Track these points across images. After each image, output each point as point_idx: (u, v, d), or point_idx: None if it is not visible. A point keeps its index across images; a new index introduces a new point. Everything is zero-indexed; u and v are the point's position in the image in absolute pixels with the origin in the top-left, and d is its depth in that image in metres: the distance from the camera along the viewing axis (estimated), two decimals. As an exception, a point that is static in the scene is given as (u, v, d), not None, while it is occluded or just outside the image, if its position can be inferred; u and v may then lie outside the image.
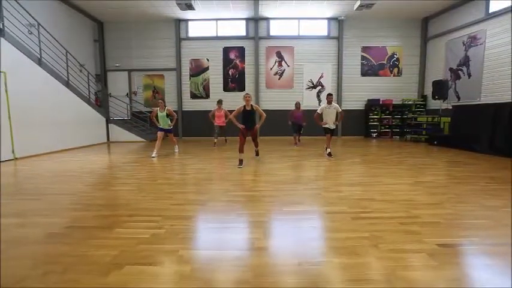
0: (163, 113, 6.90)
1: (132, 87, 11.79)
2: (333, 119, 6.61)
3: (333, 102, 6.56)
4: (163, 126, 7.00)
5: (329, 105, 6.52)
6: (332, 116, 6.59)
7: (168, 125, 7.03)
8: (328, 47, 11.52)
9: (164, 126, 7.01)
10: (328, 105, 6.53)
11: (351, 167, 5.49)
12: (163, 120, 6.95)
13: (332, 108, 6.55)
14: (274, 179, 4.43)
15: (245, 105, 5.64)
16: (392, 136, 11.49)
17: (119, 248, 2.11)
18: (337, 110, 6.58)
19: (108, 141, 10.38)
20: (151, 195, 3.58)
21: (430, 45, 11.23)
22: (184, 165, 5.78)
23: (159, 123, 6.98)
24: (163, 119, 6.93)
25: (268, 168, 5.27)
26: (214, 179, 4.57)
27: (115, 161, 6.42)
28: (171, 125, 7.08)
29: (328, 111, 6.56)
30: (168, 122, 7.03)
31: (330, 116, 6.58)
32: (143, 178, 4.55)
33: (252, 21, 11.28)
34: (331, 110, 6.55)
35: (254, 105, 5.73)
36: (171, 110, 7.00)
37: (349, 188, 3.82)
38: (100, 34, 11.40)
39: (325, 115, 6.61)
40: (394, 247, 2.11)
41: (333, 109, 6.55)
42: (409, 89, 11.69)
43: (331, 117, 6.59)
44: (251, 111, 5.68)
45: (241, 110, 5.66)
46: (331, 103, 6.52)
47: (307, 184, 4.12)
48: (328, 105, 6.53)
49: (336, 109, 6.58)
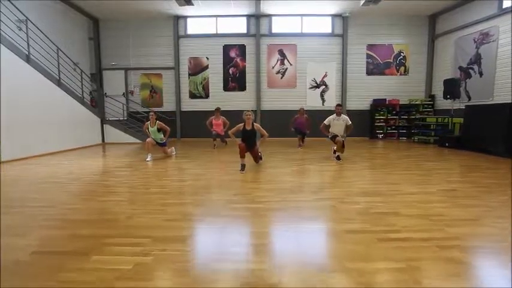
0: (155, 128, 6.40)
1: (128, 87, 11.35)
2: (341, 132, 6.04)
3: (342, 114, 6.04)
4: (155, 139, 6.53)
5: (337, 117, 5.99)
6: (340, 128, 6.03)
7: (160, 139, 6.54)
8: (332, 45, 11.07)
9: (156, 139, 6.53)
10: (337, 117, 6.00)
11: (362, 172, 5.05)
12: (154, 135, 6.48)
13: (341, 121, 6.00)
14: (280, 186, 3.99)
15: (245, 124, 5.08)
16: (399, 137, 11.06)
17: (92, 285, 1.67)
18: (346, 122, 6.01)
19: (103, 143, 9.93)
20: (142, 208, 3.13)
21: (438, 43, 10.80)
22: (181, 170, 5.34)
23: (151, 136, 6.53)
24: (154, 133, 6.46)
25: (272, 174, 4.83)
26: (213, 186, 4.13)
27: (107, 165, 5.98)
28: (163, 139, 6.58)
29: (336, 123, 6.01)
30: (160, 136, 6.54)
31: (337, 128, 6.02)
32: (135, 186, 4.10)
33: (253, 18, 10.84)
34: (340, 122, 6.01)
35: (255, 125, 5.15)
36: (162, 125, 6.46)
37: (366, 199, 3.37)
38: (95, 32, 10.95)
39: (332, 126, 6.06)
40: (442, 285, 1.66)
41: (342, 121, 6.00)
42: (416, 88, 11.25)
43: (339, 130, 6.03)
44: (252, 131, 5.10)
45: (240, 129, 5.11)
46: (340, 115, 6.00)
47: (317, 193, 3.66)
48: (337, 117, 6.00)
49: (345, 122, 6.01)
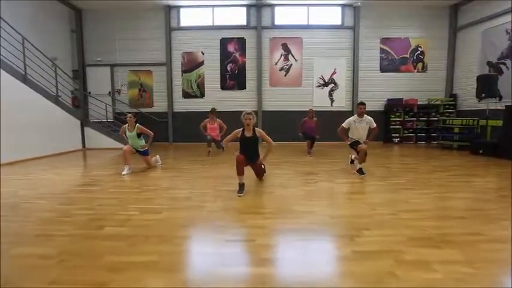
0: (134, 133, 5.21)
1: (115, 85, 10.21)
2: (363, 136, 4.92)
3: (365, 115, 4.87)
4: (135, 147, 5.32)
5: (360, 119, 4.85)
6: (363, 131, 4.90)
7: (140, 146, 5.31)
8: (342, 39, 9.96)
9: (136, 147, 5.32)
10: (359, 119, 4.85)
11: (399, 194, 3.77)
12: (133, 142, 5.28)
13: (364, 123, 4.85)
14: (295, 223, 2.80)
15: (244, 129, 3.93)
16: (417, 141, 9.89)
17: None
18: (371, 125, 4.87)
19: (83, 149, 8.74)
20: (77, 270, 1.95)
21: (461, 36, 9.65)
22: (160, 190, 4.08)
23: (130, 142, 5.33)
24: (133, 140, 5.27)
25: (281, 199, 3.64)
26: (198, 222, 2.92)
27: (70, 180, 4.77)
28: (144, 147, 5.33)
29: (358, 126, 4.87)
30: (141, 143, 5.33)
31: (359, 132, 4.90)
32: (85, 221, 2.87)
33: (253, 8, 9.74)
34: (363, 124, 4.86)
35: (258, 130, 4.00)
36: (144, 129, 5.28)
37: (434, 252, 2.18)
38: (78, 24, 9.84)
39: (353, 131, 4.94)
40: None
41: (365, 124, 4.86)
42: (435, 87, 10.13)
43: (360, 134, 4.91)
44: (253, 138, 3.95)
45: (238, 135, 3.96)
46: (363, 115, 4.84)
47: (356, 241, 2.38)
48: (359, 119, 4.85)
49: (369, 124, 4.87)
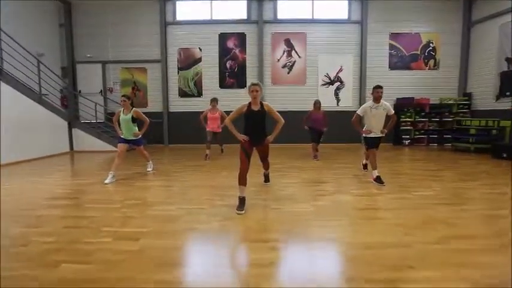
0: (128, 116, 4.74)
1: (107, 83, 9.61)
2: (380, 125, 4.36)
3: (383, 100, 4.31)
4: (127, 135, 4.83)
5: (376, 104, 4.27)
6: (380, 120, 4.33)
7: (133, 134, 4.84)
8: (349, 34, 9.42)
9: (128, 135, 4.83)
10: (375, 104, 4.28)
11: (427, 210, 3.19)
12: (127, 127, 4.79)
13: (381, 109, 4.28)
14: (312, 254, 2.20)
15: (251, 103, 3.41)
16: (429, 143, 9.29)
17: None
18: (388, 111, 4.31)
19: (71, 151, 8.13)
20: None
21: (476, 31, 9.05)
22: (144, 206, 3.41)
23: (122, 131, 4.83)
24: (127, 124, 4.77)
25: (290, 215, 3.02)
26: (182, 257, 2.29)
27: (46, 190, 4.15)
28: (138, 134, 4.87)
29: (374, 112, 4.30)
30: (135, 129, 4.86)
31: (376, 120, 4.33)
32: (40, 253, 2.23)
33: (255, 2, 9.22)
34: (379, 111, 4.29)
35: (265, 104, 3.45)
36: (139, 113, 4.83)
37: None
38: (67, 17, 9.27)
39: (369, 118, 4.38)
40: None
41: (382, 110, 4.29)
42: (447, 85, 9.56)
43: (377, 122, 4.34)
44: (260, 112, 3.42)
45: (244, 110, 3.41)
46: (380, 100, 4.28)
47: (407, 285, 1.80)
48: (375, 104, 4.28)
49: (387, 110, 4.30)
